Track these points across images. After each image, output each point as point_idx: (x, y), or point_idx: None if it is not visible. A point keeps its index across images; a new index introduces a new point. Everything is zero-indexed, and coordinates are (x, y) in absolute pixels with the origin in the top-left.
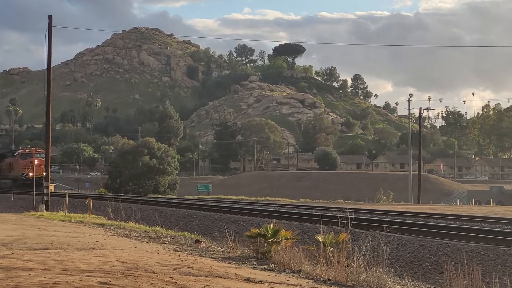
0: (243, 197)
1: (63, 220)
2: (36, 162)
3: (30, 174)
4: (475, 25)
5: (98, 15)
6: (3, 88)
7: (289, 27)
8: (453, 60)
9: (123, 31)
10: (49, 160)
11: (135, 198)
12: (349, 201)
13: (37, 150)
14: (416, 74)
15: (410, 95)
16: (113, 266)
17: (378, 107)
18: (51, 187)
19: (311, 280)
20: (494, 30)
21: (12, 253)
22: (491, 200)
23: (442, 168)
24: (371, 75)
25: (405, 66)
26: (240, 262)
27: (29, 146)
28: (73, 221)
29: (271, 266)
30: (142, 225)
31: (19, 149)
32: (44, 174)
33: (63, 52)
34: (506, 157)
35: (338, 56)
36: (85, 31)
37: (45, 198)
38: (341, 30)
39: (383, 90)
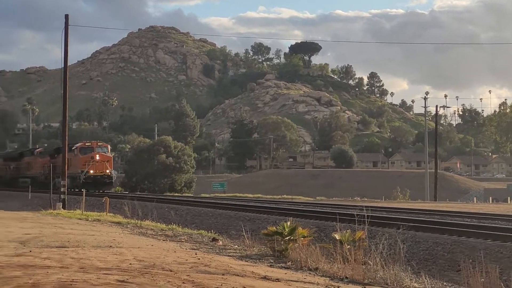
0: (259, 195)
1: (80, 219)
2: (97, 157)
3: (91, 171)
4: (490, 23)
5: (112, 13)
6: (19, 87)
7: (304, 25)
8: (469, 58)
9: (139, 29)
10: (66, 160)
11: (151, 196)
12: (365, 199)
13: (99, 144)
14: (432, 72)
15: (426, 93)
16: (130, 264)
17: (394, 105)
18: None
19: (328, 278)
20: (510, 27)
21: (30, 251)
22: (508, 198)
23: (458, 166)
24: (386, 73)
25: (421, 64)
26: (257, 260)
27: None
28: (89, 219)
29: (288, 264)
30: (158, 223)
31: (77, 143)
32: (108, 171)
33: (78, 51)
34: None
35: (353, 54)
36: (99, 29)
37: (62, 196)
38: (356, 28)
39: (398, 88)
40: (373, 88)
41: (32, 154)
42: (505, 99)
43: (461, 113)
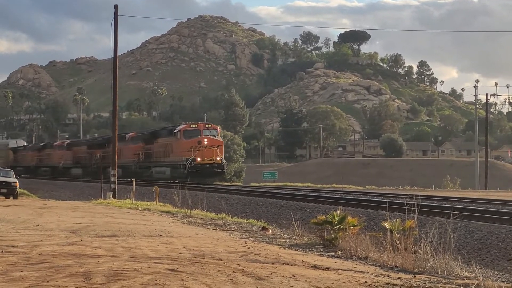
0: (309, 184)
1: (130, 208)
2: (205, 142)
3: (198, 159)
4: None
5: (160, 3)
6: (70, 78)
7: (352, 14)
8: None
9: (188, 19)
10: (116, 149)
11: (201, 185)
12: (416, 187)
13: (207, 126)
14: (482, 60)
15: (477, 81)
16: (180, 253)
17: (443, 93)
18: None
19: (378, 267)
20: None
21: (81, 240)
22: None
23: (509, 155)
24: (435, 61)
25: (470, 52)
26: (307, 249)
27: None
28: (140, 208)
29: (337, 253)
30: (208, 212)
31: (180, 125)
32: (219, 159)
33: (126, 41)
34: None
35: (402, 43)
36: (147, 19)
37: (112, 186)
38: (404, 16)
39: (448, 76)
40: (423, 76)
41: (123, 139)
42: None
43: (511, 101)
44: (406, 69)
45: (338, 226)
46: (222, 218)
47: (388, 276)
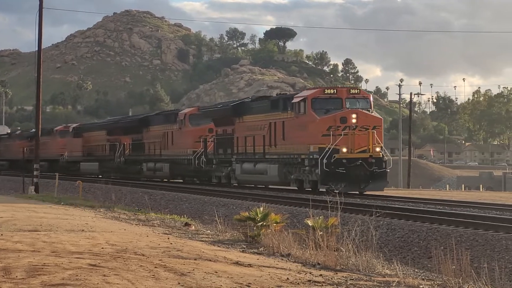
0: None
1: (53, 202)
2: (353, 119)
3: (344, 149)
4: (463, 10)
5: None
6: None
7: (276, 10)
8: (442, 45)
9: (114, 13)
10: (38, 142)
11: (125, 180)
12: None
13: (352, 92)
14: (405, 59)
15: (401, 80)
16: (103, 248)
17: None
18: None
19: (300, 264)
20: (482, 15)
21: (1, 235)
22: (481, 185)
23: (432, 154)
24: (359, 59)
25: (394, 51)
26: (230, 246)
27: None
28: (62, 203)
29: (260, 249)
30: (132, 208)
31: (297, 92)
32: (378, 150)
33: (49, 34)
34: (496, 143)
35: (326, 40)
36: (70, 12)
37: (34, 180)
38: (329, 14)
39: (372, 74)
40: (348, 74)
41: (170, 119)
42: (479, 87)
43: (435, 100)
44: (331, 67)
45: (261, 223)
46: (145, 214)
47: (310, 273)
